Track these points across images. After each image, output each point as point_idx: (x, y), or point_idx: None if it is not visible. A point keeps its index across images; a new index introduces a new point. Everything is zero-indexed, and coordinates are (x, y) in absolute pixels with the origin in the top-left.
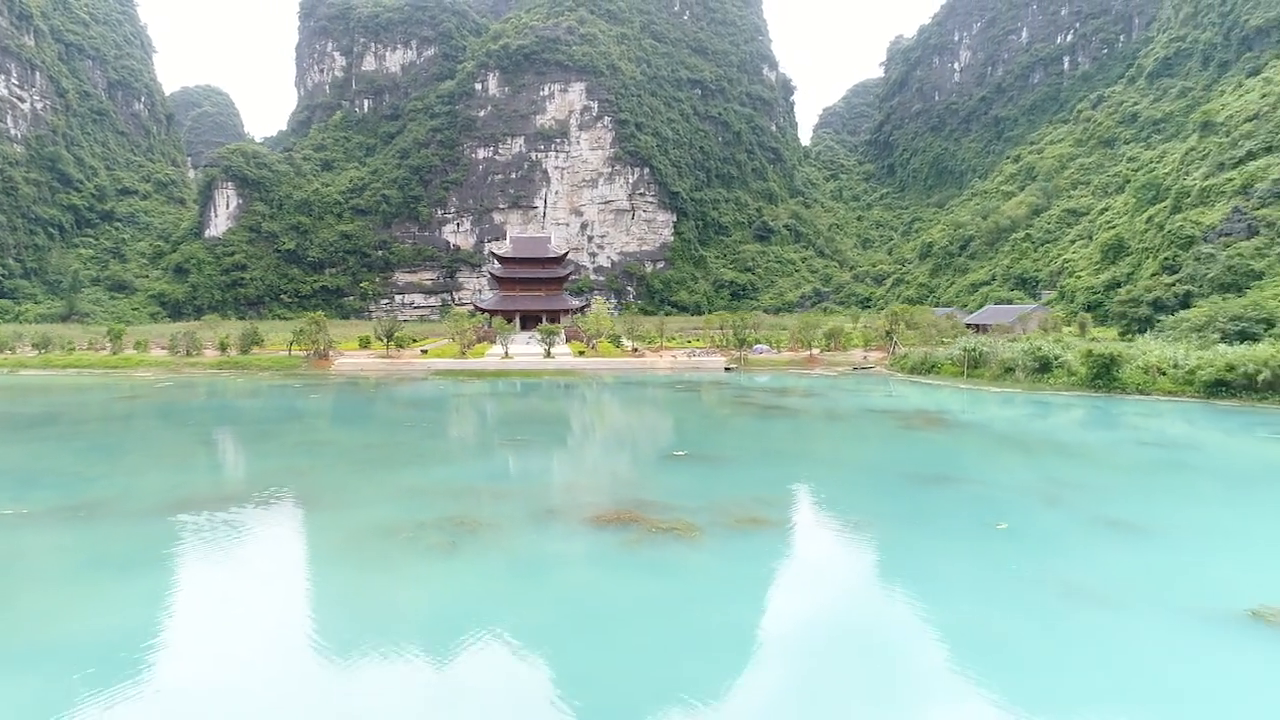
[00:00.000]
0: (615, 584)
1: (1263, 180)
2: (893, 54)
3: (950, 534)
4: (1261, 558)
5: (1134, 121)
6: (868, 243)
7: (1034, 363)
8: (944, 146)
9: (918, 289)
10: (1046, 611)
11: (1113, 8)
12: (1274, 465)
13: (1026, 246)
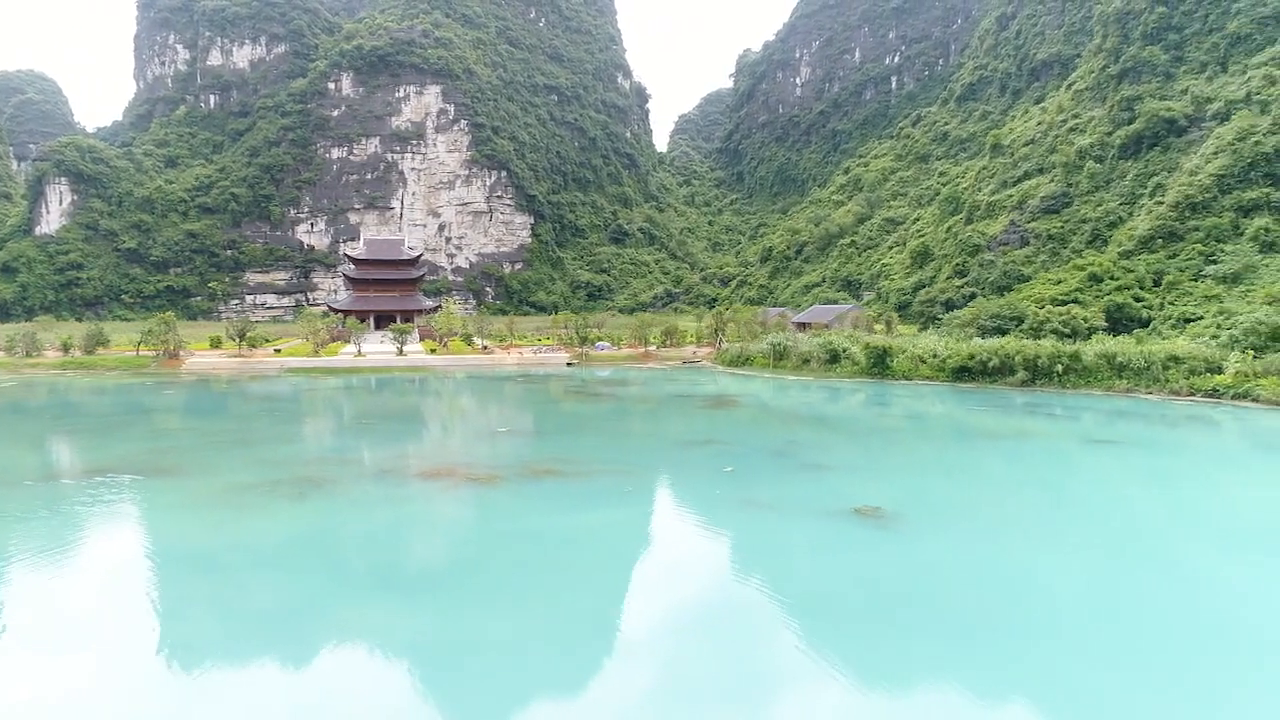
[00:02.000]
0: (428, 511)
1: (1033, 197)
2: (741, 67)
3: (689, 475)
4: (883, 483)
5: (945, 140)
6: (718, 246)
7: (825, 355)
8: (787, 156)
9: (759, 290)
10: (730, 514)
11: (933, 34)
12: (962, 426)
13: (852, 252)
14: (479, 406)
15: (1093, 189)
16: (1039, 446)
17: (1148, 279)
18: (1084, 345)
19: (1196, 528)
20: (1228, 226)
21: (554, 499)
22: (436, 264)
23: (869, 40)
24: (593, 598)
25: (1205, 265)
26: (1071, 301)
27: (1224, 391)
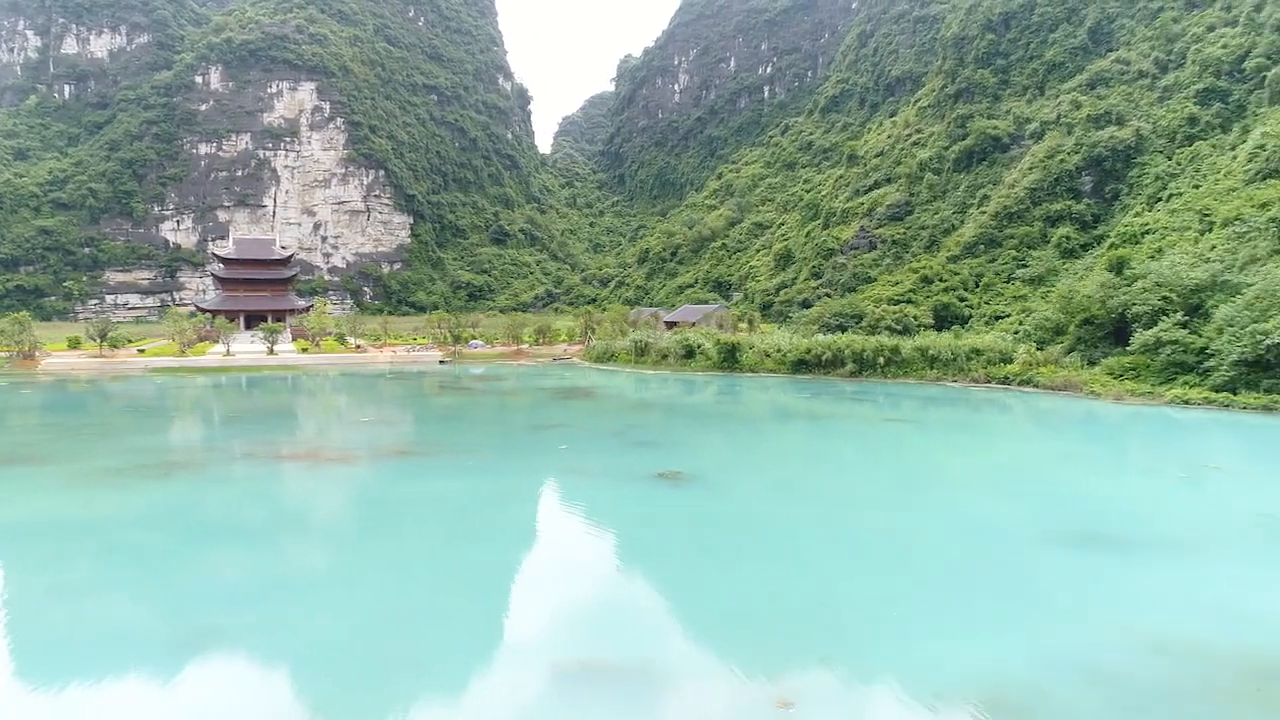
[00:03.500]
0: (284, 483)
1: (881, 205)
2: (622, 71)
3: (528, 452)
4: (694, 455)
5: (810, 149)
6: (599, 247)
7: (682, 351)
8: (667, 160)
9: (636, 291)
10: (553, 480)
11: (802, 47)
12: (783, 410)
13: (723, 254)
14: (346, 401)
15: (931, 198)
16: (840, 425)
17: (970, 280)
18: (903, 340)
19: (925, 479)
20: (1037, 235)
21: (402, 473)
22: (312, 263)
23: (743, 50)
24: (428, 545)
25: (1017, 269)
26: (905, 301)
27: (1013, 378)
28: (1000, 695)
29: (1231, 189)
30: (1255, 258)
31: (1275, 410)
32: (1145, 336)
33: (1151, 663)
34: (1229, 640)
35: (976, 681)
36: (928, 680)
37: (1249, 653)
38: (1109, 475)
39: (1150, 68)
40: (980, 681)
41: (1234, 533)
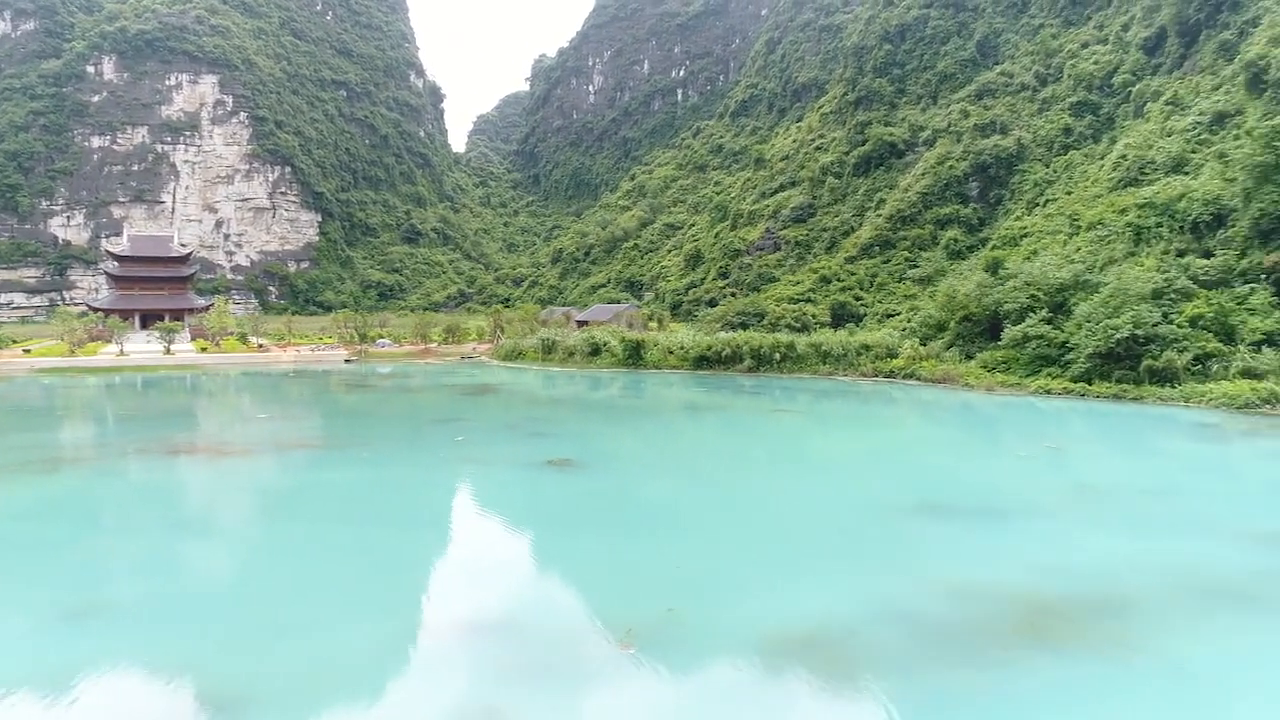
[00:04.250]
0: (174, 475)
1: (786, 207)
2: (537, 71)
3: (425, 444)
4: (585, 443)
5: (720, 152)
6: (513, 247)
7: (588, 348)
8: (582, 161)
9: (549, 290)
10: (446, 467)
11: (714, 51)
12: (679, 403)
13: (635, 254)
14: (245, 399)
15: (832, 201)
16: (731, 415)
17: (866, 280)
18: (799, 337)
19: (801, 461)
20: (928, 237)
21: (297, 465)
22: (214, 262)
23: (657, 53)
24: (315, 527)
25: (908, 269)
26: (805, 300)
27: (898, 372)
28: (816, 634)
29: (1097, 195)
30: (1113, 259)
31: (1123, 398)
32: (1014, 332)
33: (952, 605)
34: (1024, 585)
35: (799, 625)
36: (757, 625)
37: (1038, 595)
38: (963, 456)
39: (1031, 81)
40: (802, 625)
41: (1054, 501)
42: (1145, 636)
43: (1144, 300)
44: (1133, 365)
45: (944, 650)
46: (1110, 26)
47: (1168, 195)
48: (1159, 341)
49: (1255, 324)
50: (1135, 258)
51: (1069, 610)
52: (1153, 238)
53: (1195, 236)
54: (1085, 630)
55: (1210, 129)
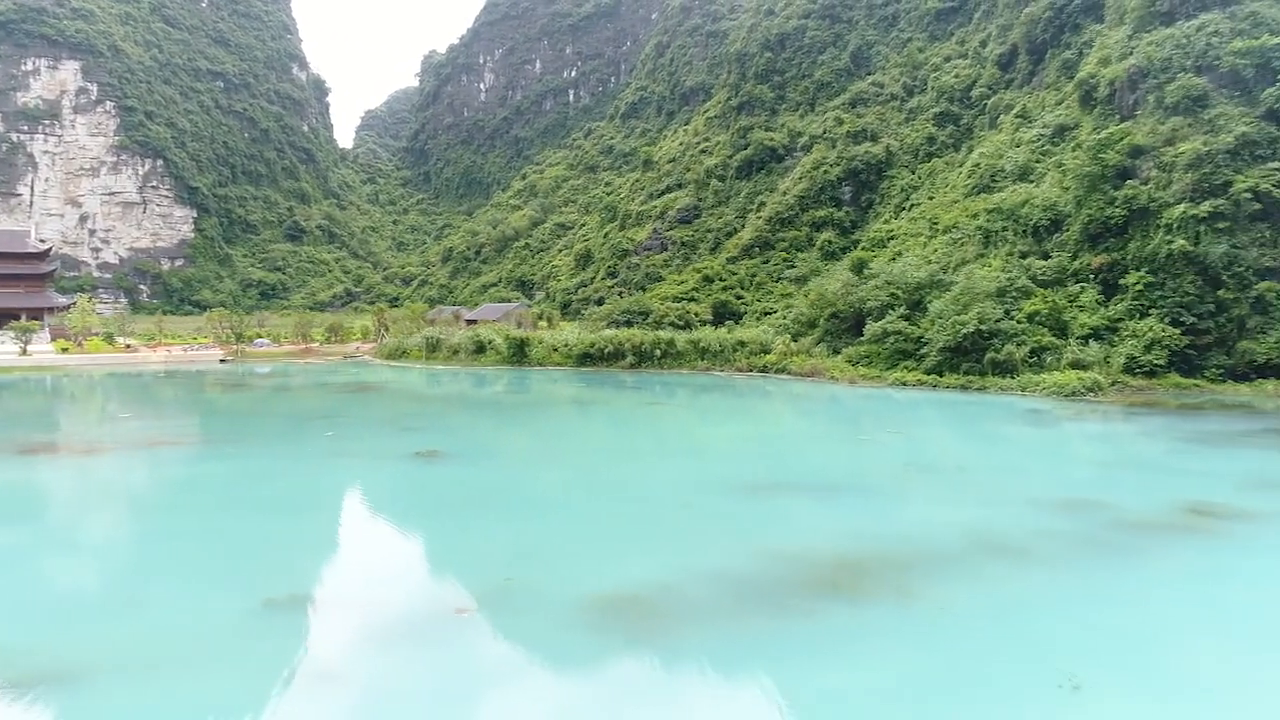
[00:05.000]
0: (30, 473)
1: (673, 209)
2: (427, 67)
3: (295, 439)
4: (455, 436)
5: (610, 153)
6: (403, 246)
7: (473, 346)
8: (473, 159)
9: (439, 290)
10: (315, 460)
11: (606, 53)
12: (556, 397)
13: (526, 254)
14: (108, 400)
15: (716, 203)
16: (606, 409)
17: (747, 280)
18: (679, 335)
19: (666, 449)
20: (804, 238)
21: (157, 461)
22: (77, 259)
23: (549, 53)
24: (170, 518)
25: (785, 269)
26: (689, 299)
27: (771, 367)
28: (638, 594)
29: (954, 201)
30: (965, 260)
31: (969, 388)
32: (874, 328)
33: (767, 566)
34: (835, 549)
35: (624, 587)
36: (585, 589)
37: (845, 556)
38: (813, 442)
39: (900, 91)
40: (627, 587)
41: (881, 478)
42: (926, 587)
43: (989, 298)
44: (978, 358)
45: (751, 603)
46: (970, 42)
47: (1013, 201)
48: (1001, 336)
49: (1084, 320)
50: (984, 259)
51: (869, 567)
52: (999, 241)
53: (1036, 240)
54: (878, 583)
55: (1052, 141)
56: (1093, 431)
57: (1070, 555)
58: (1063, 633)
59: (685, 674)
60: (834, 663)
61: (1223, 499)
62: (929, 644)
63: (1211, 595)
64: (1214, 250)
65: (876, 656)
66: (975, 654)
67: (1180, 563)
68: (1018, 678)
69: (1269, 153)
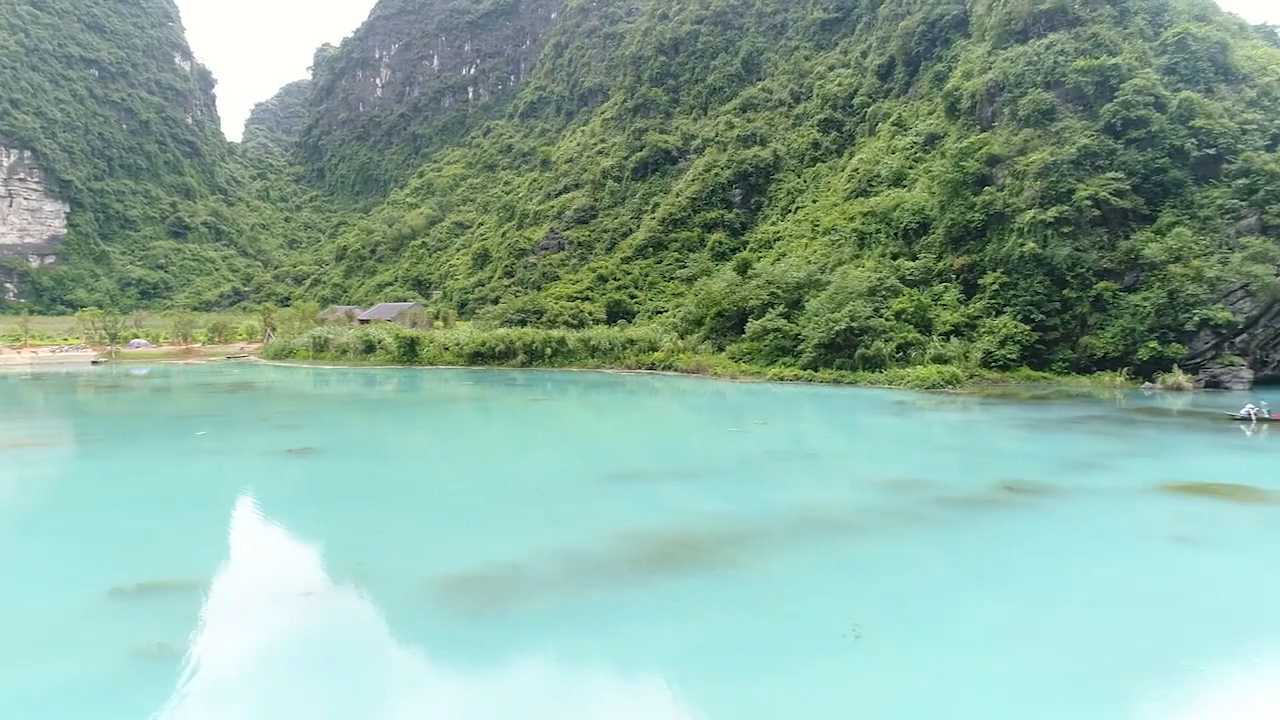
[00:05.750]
0: None
1: (570, 209)
2: (320, 61)
3: (162, 439)
4: (329, 434)
5: (510, 152)
6: (295, 243)
7: (362, 346)
8: (369, 156)
9: (333, 289)
10: (186, 457)
11: (505, 51)
12: (440, 395)
13: (423, 252)
14: None
15: (613, 204)
16: (490, 405)
17: (640, 279)
18: (570, 333)
19: (540, 442)
20: (696, 239)
21: (19, 461)
22: None
23: (447, 50)
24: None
25: (678, 269)
26: (583, 299)
27: (659, 364)
28: (484, 572)
29: (834, 204)
30: (841, 261)
31: (841, 382)
32: (755, 325)
33: (611, 544)
34: (678, 528)
35: (471, 567)
36: (434, 570)
37: (684, 534)
38: (684, 433)
39: (787, 97)
40: (474, 566)
41: (738, 465)
42: (752, 558)
43: (861, 297)
44: (850, 354)
45: (591, 577)
46: (852, 52)
47: (886, 205)
48: (871, 333)
49: (946, 317)
50: (859, 260)
51: (705, 544)
52: (873, 242)
53: (906, 242)
54: (710, 556)
55: (924, 148)
56: (943, 420)
57: (888, 528)
58: (860, 593)
59: (519, 641)
60: (658, 624)
61: (1036, 477)
62: (744, 606)
63: (1001, 558)
64: (1059, 253)
65: (696, 617)
66: (781, 613)
67: (982, 532)
68: (813, 631)
69: (1107, 163)
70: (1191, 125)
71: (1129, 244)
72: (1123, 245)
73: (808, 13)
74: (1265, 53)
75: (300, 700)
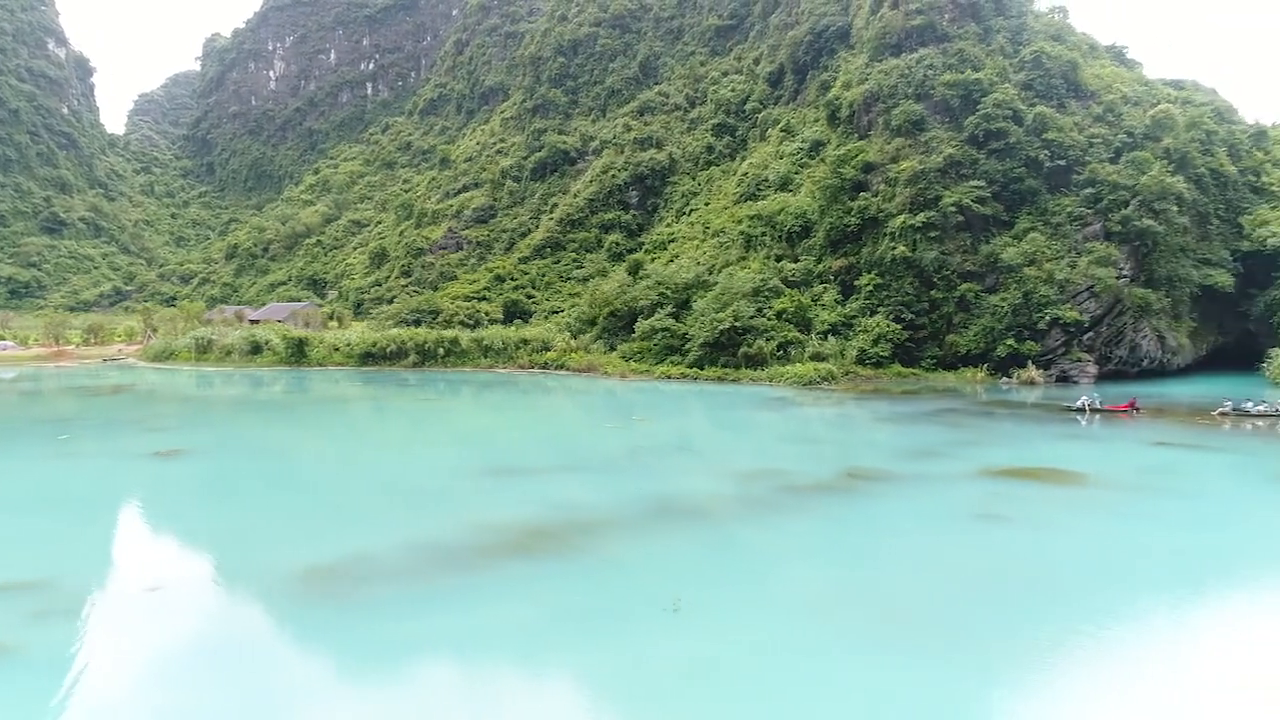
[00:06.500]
0: None
1: (469, 208)
2: (209, 51)
3: (19, 442)
4: (200, 435)
5: (409, 150)
6: (183, 241)
7: (248, 347)
8: (262, 151)
9: (222, 288)
10: (45, 461)
11: (405, 47)
12: (330, 397)
13: (318, 251)
14: None
15: (511, 204)
16: (371, 406)
17: (538, 279)
18: (463, 333)
19: (421, 439)
20: (593, 240)
21: None
22: None
23: (344, 44)
24: None
25: (575, 269)
26: (480, 298)
27: (552, 363)
28: (338, 563)
29: (725, 207)
30: (729, 262)
31: (725, 380)
32: (644, 325)
33: (468, 535)
34: (535, 519)
35: (327, 559)
36: (289, 563)
37: (540, 524)
38: (563, 430)
39: (683, 102)
40: (329, 558)
41: (607, 459)
42: (598, 544)
43: (745, 297)
44: (733, 352)
45: (442, 564)
46: (745, 59)
47: (772, 209)
48: (754, 332)
49: (824, 317)
50: (745, 261)
51: (558, 532)
52: (759, 245)
53: (789, 244)
54: (560, 543)
55: (809, 154)
56: (813, 415)
57: (733, 514)
58: (692, 572)
59: (358, 623)
60: (497, 604)
61: (880, 465)
62: (580, 586)
63: (826, 539)
64: (927, 256)
65: (535, 597)
66: (614, 590)
67: (816, 515)
68: (639, 605)
69: (970, 172)
70: (1045, 138)
71: (989, 248)
72: (984, 249)
73: (703, 19)
74: (1111, 72)
75: (131, 691)
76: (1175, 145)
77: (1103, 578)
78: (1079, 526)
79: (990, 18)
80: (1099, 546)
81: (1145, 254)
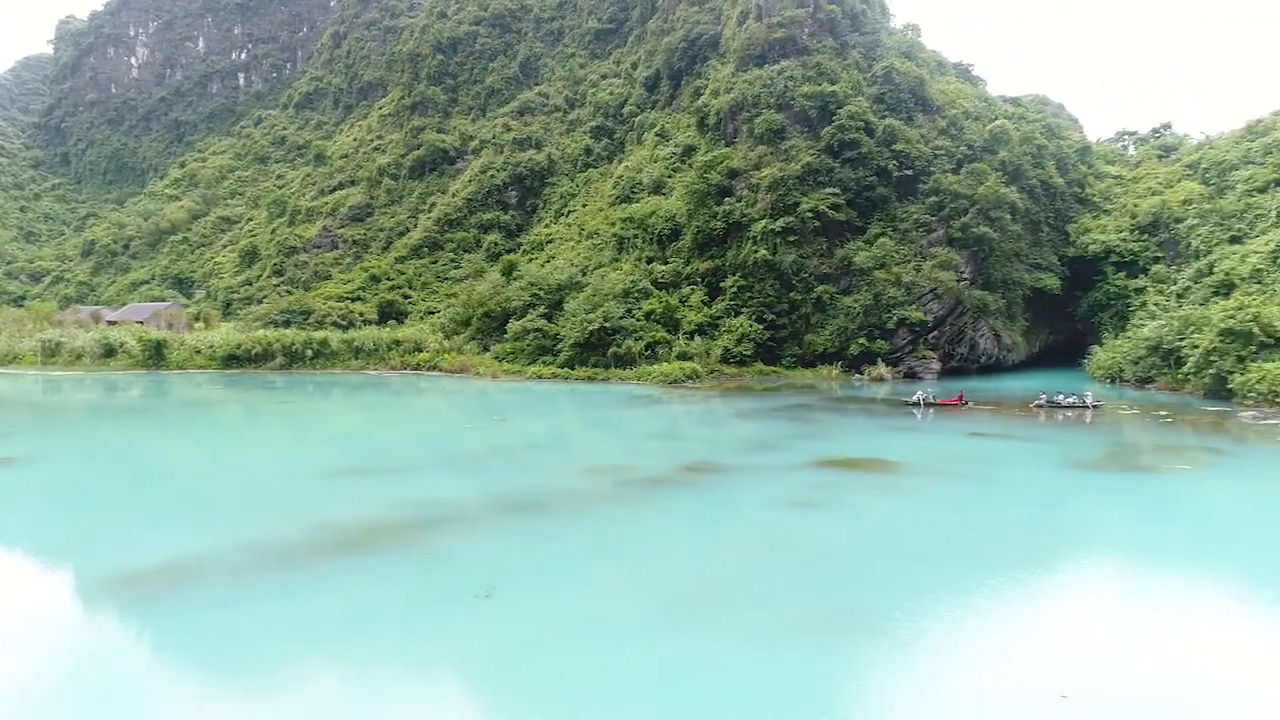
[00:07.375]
0: None
1: (344, 206)
2: (63, 34)
3: None
4: (32, 442)
5: (283, 144)
6: (33, 236)
7: (101, 349)
8: (124, 142)
9: (78, 287)
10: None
11: (280, 37)
12: (182, 401)
13: (185, 249)
14: None
15: (389, 202)
16: (226, 409)
17: (415, 279)
18: (332, 334)
19: (269, 442)
20: (472, 240)
21: None
22: None
23: (214, 32)
24: None
25: (453, 270)
26: (354, 299)
27: (424, 364)
28: (168, 564)
29: (601, 209)
30: (602, 264)
31: (595, 379)
32: (516, 326)
33: (305, 534)
34: (375, 517)
35: (156, 560)
36: (117, 566)
37: (380, 522)
38: (421, 430)
39: (562, 103)
40: (159, 560)
41: (460, 458)
42: (431, 539)
43: (615, 298)
44: (603, 352)
45: (272, 563)
46: (624, 63)
47: (644, 212)
48: (623, 332)
49: (691, 317)
50: (617, 263)
51: (393, 530)
52: (631, 247)
53: (660, 246)
54: (393, 540)
55: (681, 159)
56: (673, 412)
57: (567, 507)
58: (510, 562)
59: (181, 621)
60: (319, 597)
61: (718, 458)
62: (402, 578)
63: (647, 527)
64: (786, 259)
65: (359, 590)
66: (434, 582)
67: (646, 506)
68: (454, 594)
69: (827, 179)
70: (894, 149)
71: (843, 252)
72: (839, 253)
73: (583, 21)
74: (955, 88)
75: None
76: (1010, 158)
77: (887, 554)
78: (876, 509)
79: (847, 33)
80: (891, 527)
81: (983, 259)
